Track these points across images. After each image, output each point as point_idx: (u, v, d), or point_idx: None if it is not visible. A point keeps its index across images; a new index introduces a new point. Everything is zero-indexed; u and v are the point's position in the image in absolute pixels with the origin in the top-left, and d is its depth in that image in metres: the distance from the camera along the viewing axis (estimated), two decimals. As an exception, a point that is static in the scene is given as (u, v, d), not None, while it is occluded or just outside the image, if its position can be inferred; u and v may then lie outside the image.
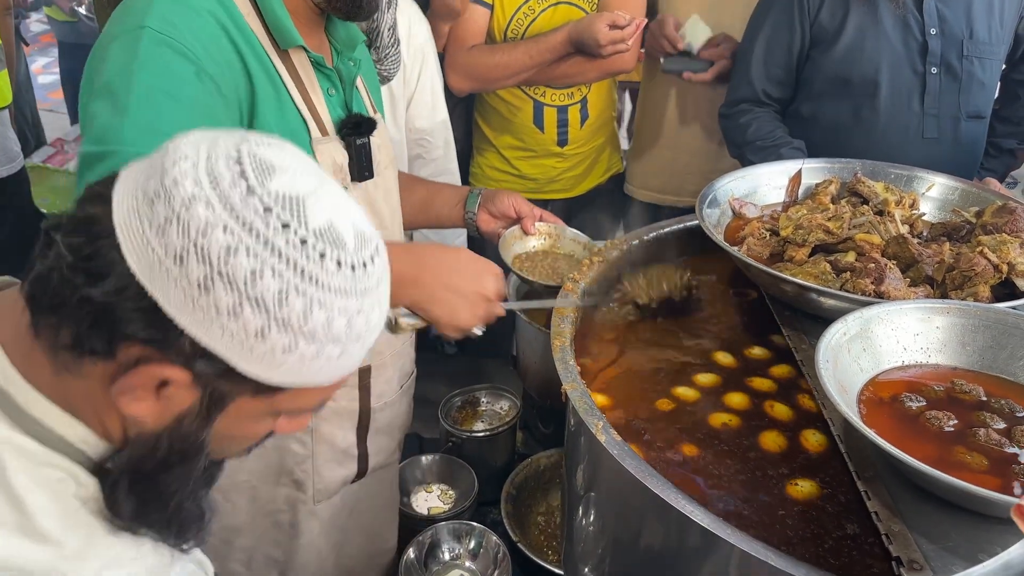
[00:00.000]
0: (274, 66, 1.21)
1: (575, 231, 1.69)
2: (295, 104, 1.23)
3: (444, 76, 2.17)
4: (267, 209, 0.67)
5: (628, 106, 4.36)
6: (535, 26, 2.21)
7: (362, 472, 1.52)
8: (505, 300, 1.27)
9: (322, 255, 0.69)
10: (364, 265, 0.72)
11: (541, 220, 1.67)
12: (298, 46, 1.22)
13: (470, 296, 1.19)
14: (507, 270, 1.57)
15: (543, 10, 2.20)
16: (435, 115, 2.03)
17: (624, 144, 2.68)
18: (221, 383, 0.71)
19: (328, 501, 1.49)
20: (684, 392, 1.24)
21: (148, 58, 1.06)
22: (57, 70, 5.73)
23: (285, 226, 0.68)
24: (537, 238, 1.67)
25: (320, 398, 0.80)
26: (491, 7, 2.21)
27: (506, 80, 2.22)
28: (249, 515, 1.44)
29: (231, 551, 1.46)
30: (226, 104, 1.13)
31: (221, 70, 1.12)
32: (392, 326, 1.20)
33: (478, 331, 1.22)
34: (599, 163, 2.47)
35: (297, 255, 0.68)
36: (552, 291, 1.43)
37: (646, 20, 2.09)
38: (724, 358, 1.32)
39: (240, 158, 0.69)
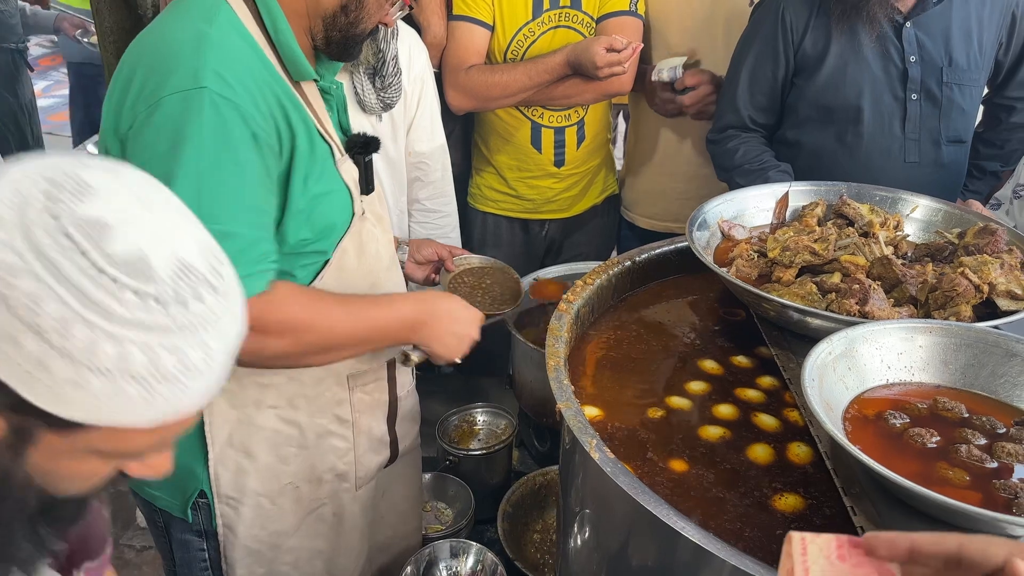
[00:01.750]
0: (296, 96, 1.28)
1: (485, 257, 2.02)
2: (319, 129, 1.31)
3: (443, 95, 2.22)
4: (65, 233, 0.63)
5: (622, 126, 4.42)
6: (534, 48, 2.26)
7: (394, 456, 1.63)
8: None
9: (117, 283, 0.64)
10: (180, 300, 0.67)
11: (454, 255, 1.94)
12: (311, 79, 1.31)
13: (463, 337, 1.45)
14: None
15: (543, 32, 2.25)
16: (434, 140, 2.08)
17: (618, 164, 2.72)
18: (16, 416, 0.66)
19: (367, 485, 1.59)
20: (676, 402, 1.28)
21: (211, 125, 1.12)
22: (57, 94, 5.76)
23: (82, 252, 0.63)
24: (463, 274, 1.96)
25: (151, 441, 0.73)
26: (492, 28, 2.26)
27: (504, 99, 2.26)
28: (296, 516, 1.50)
29: (279, 554, 1.51)
30: (273, 155, 1.21)
31: (267, 120, 1.19)
32: (404, 360, 1.48)
33: (458, 360, 1.48)
34: (595, 184, 2.51)
35: (86, 282, 0.63)
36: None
37: (642, 44, 2.15)
38: (712, 367, 1.37)
39: (54, 179, 0.65)
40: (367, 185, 1.42)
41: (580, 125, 2.37)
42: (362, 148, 1.40)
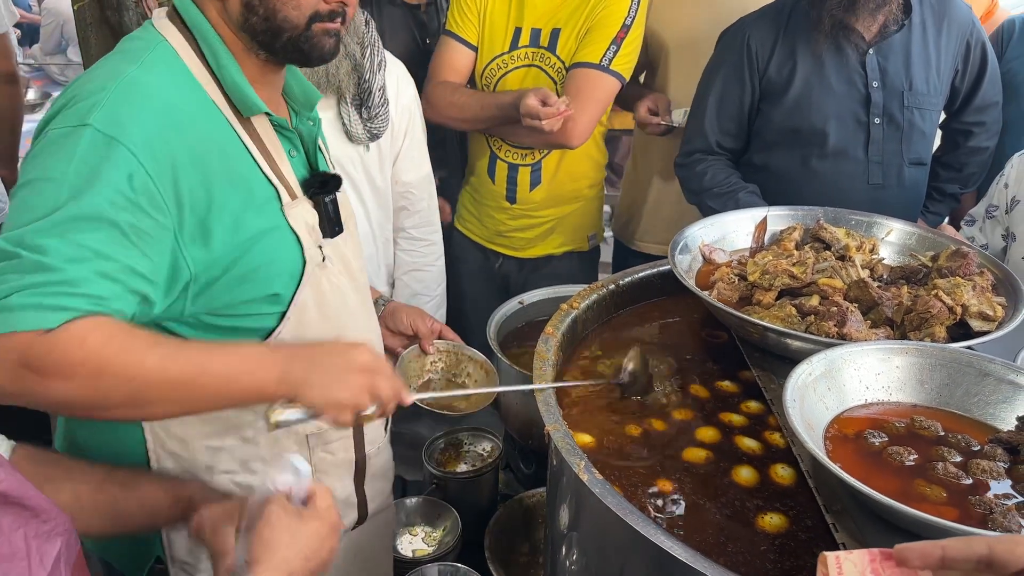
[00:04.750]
0: (238, 136, 1.21)
1: (473, 350, 1.73)
2: (263, 171, 1.22)
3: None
4: None
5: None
6: (506, 80, 2.29)
7: (362, 518, 1.53)
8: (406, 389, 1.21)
9: None
10: None
11: (440, 337, 1.70)
12: (261, 113, 1.23)
13: (339, 370, 1.11)
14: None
15: (515, 67, 2.28)
16: (420, 169, 2.11)
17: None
18: None
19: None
20: (658, 424, 1.30)
21: (80, 163, 1.05)
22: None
23: None
24: (435, 356, 1.69)
25: None
26: (476, 49, 2.29)
27: (460, 122, 2.29)
28: None
29: None
30: (154, 206, 1.09)
31: (161, 168, 1.09)
32: (267, 422, 1.10)
33: (369, 410, 1.14)
34: (555, 235, 2.45)
35: None
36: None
37: (571, 111, 2.05)
38: (698, 391, 1.39)
39: None
40: (331, 227, 1.31)
41: (535, 168, 2.33)
42: (320, 188, 1.29)
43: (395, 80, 1.97)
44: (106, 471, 1.13)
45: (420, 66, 2.30)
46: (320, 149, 1.40)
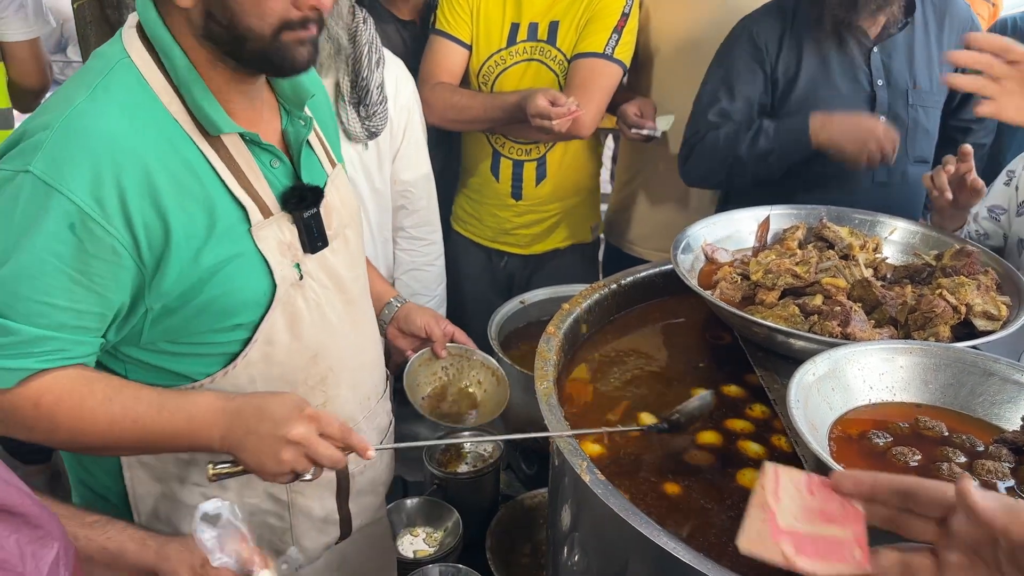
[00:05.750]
0: (204, 156, 1.15)
1: (484, 355, 1.72)
2: (230, 192, 1.17)
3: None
4: None
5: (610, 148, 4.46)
6: (505, 76, 2.28)
7: (345, 534, 1.48)
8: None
9: None
10: None
11: (452, 340, 1.68)
12: (230, 132, 1.17)
13: (270, 441, 1.10)
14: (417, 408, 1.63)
15: (515, 63, 2.27)
16: (419, 168, 2.10)
17: (606, 187, 2.74)
18: None
19: (312, 565, 1.44)
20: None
21: (23, 212, 1.05)
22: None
23: None
24: (446, 361, 1.68)
25: None
26: (469, 48, 2.28)
27: (462, 124, 2.28)
28: None
29: None
30: (104, 248, 1.08)
31: (106, 212, 1.07)
32: (208, 474, 1.14)
33: (307, 476, 1.15)
34: (560, 228, 2.46)
35: None
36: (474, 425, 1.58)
37: (580, 111, 2.06)
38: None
39: None
40: (313, 243, 1.25)
41: (541, 162, 2.34)
42: (297, 204, 1.23)
43: (394, 79, 1.97)
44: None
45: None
46: (314, 148, 1.34)
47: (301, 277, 1.24)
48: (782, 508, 0.74)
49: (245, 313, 1.21)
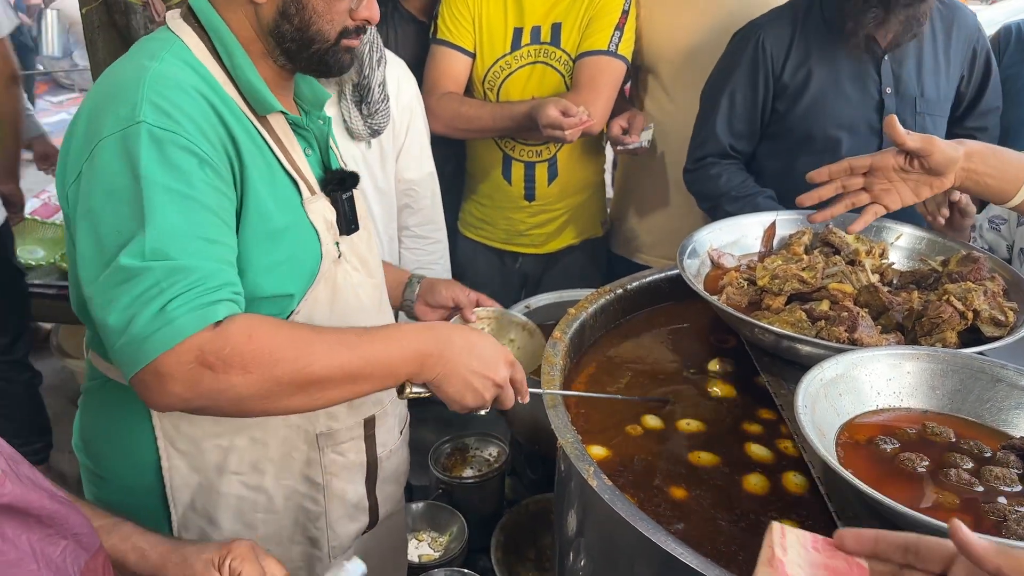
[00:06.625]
0: (259, 132, 1.23)
1: (514, 313, 1.76)
2: (283, 166, 1.25)
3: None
4: None
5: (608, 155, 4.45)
6: (511, 81, 2.29)
7: (373, 522, 1.53)
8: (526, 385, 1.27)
9: None
10: None
11: (479, 306, 1.72)
12: (276, 111, 1.25)
13: (482, 380, 1.20)
14: None
15: (520, 67, 2.28)
16: (423, 167, 2.11)
17: (608, 191, 2.74)
18: None
19: (342, 555, 1.47)
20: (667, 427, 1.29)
21: (151, 159, 1.06)
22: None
23: None
24: (479, 324, 1.71)
25: None
26: (472, 55, 2.29)
27: (470, 132, 2.31)
28: None
29: None
30: (226, 185, 1.14)
31: (216, 150, 1.13)
32: (400, 391, 1.21)
33: (483, 412, 1.25)
34: (572, 225, 2.49)
35: None
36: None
37: (591, 121, 2.09)
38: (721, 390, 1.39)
39: None
40: (348, 225, 1.33)
41: (552, 162, 2.37)
42: (338, 185, 1.31)
43: (396, 78, 1.98)
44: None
45: None
46: (332, 148, 1.41)
47: (340, 255, 1.31)
48: (790, 561, 0.76)
49: (298, 282, 1.26)
